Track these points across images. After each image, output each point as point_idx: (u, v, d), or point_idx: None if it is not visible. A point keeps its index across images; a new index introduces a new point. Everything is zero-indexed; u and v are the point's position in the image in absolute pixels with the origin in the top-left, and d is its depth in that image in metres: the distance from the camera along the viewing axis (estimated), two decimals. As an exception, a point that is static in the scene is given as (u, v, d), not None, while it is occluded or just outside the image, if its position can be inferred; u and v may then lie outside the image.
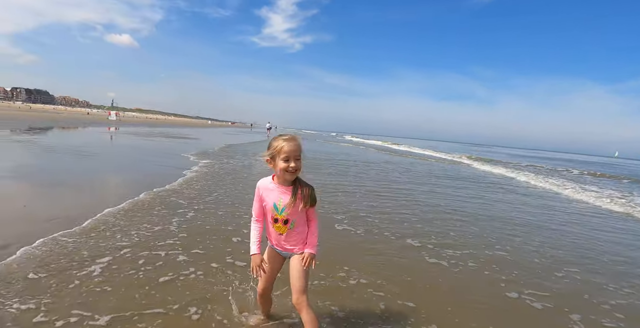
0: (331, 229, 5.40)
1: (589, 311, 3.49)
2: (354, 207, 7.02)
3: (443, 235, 5.59)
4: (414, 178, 12.53)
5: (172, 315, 2.80)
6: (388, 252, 4.63)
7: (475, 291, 3.73)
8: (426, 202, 8.20)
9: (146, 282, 3.25)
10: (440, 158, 28.81)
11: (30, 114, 47.29)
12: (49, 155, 10.87)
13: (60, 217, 4.83)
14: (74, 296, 2.91)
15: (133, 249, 3.95)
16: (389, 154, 28.53)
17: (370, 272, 3.90)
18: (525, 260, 4.82)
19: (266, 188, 2.40)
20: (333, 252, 4.39)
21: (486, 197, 10.04)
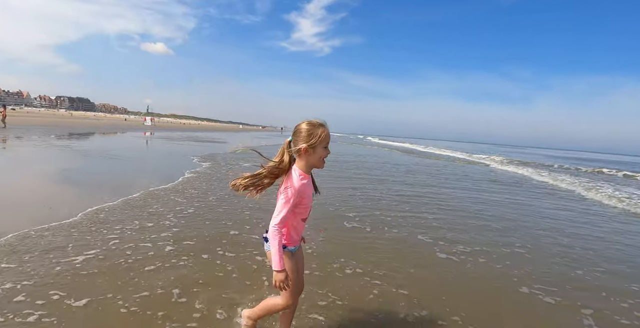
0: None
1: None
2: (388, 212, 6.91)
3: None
4: (445, 181, 12.58)
5: (157, 296, 3.00)
6: (425, 262, 4.48)
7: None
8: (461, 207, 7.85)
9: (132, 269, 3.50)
10: (467, 159, 28.48)
11: (72, 121, 50.19)
12: (77, 157, 11.77)
13: (51, 211, 5.23)
14: (56, 280, 3.15)
15: (121, 241, 4.21)
16: (417, 156, 28.51)
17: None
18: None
19: (305, 185, 2.14)
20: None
21: (520, 201, 9.60)
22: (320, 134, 2.10)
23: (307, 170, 2.17)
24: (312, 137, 2.10)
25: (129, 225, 4.84)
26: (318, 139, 2.09)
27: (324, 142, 2.12)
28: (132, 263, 3.67)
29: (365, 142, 54.36)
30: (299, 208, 2.17)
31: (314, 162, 2.16)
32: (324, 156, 2.15)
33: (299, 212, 2.18)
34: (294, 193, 2.07)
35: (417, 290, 3.57)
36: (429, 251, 4.86)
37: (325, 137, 2.11)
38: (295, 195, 2.08)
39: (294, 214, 2.16)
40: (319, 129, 2.11)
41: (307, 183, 2.15)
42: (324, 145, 2.13)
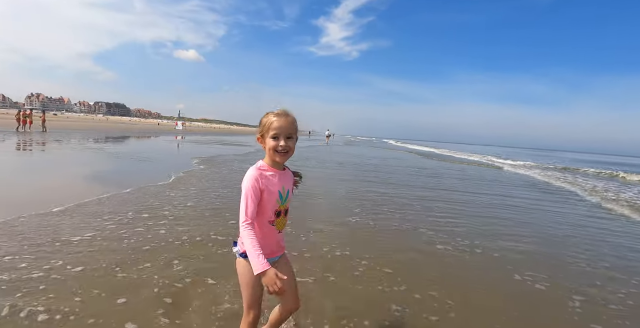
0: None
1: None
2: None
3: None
4: (475, 188, 12.41)
5: (158, 267, 3.34)
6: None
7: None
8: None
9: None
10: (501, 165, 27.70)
11: (108, 125, 52.15)
12: (106, 159, 12.11)
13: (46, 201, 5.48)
14: (57, 256, 3.59)
15: (118, 226, 4.68)
16: (445, 161, 27.96)
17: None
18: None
19: (266, 177, 1.92)
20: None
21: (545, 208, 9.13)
22: (265, 123, 1.93)
23: (271, 163, 1.97)
24: (261, 126, 1.96)
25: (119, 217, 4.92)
26: (263, 128, 1.94)
27: (271, 131, 1.90)
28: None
29: (394, 147, 53.71)
30: (260, 206, 1.90)
31: (268, 154, 1.95)
32: (273, 147, 1.90)
33: (259, 211, 1.90)
34: (246, 182, 1.87)
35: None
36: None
37: (272, 126, 1.89)
38: (250, 184, 1.86)
39: (257, 214, 1.90)
40: (267, 118, 1.93)
41: (269, 175, 1.93)
42: (272, 136, 1.90)
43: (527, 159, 36.91)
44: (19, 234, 4.17)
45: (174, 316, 2.71)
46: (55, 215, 5.01)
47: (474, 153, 44.85)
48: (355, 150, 35.12)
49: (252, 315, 2.01)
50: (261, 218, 1.92)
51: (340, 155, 23.85)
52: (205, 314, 2.77)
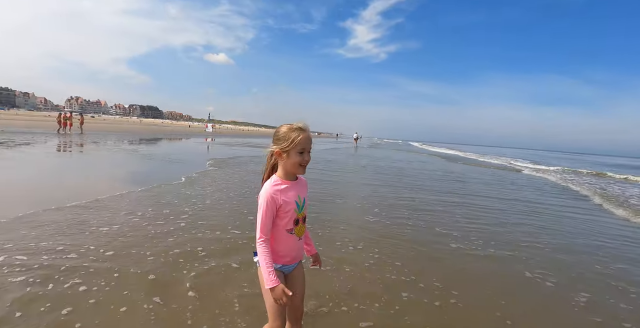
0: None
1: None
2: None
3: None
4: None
5: (185, 253, 3.83)
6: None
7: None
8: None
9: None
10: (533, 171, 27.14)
11: (142, 128, 54.17)
12: (138, 160, 12.86)
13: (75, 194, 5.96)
14: (90, 242, 4.13)
15: (141, 220, 5.14)
16: (469, 164, 27.62)
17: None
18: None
19: (281, 191, 1.98)
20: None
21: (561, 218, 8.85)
22: (294, 139, 1.94)
23: (285, 176, 2.02)
24: (286, 141, 1.96)
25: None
26: (291, 144, 1.94)
27: (299, 147, 1.94)
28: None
29: (418, 150, 53.20)
30: (278, 218, 1.98)
31: (288, 168, 2.00)
32: (299, 162, 1.97)
33: (277, 222, 1.99)
34: (263, 201, 1.94)
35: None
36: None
37: (300, 142, 1.94)
38: (266, 203, 1.93)
39: (275, 225, 1.99)
40: (294, 133, 1.95)
41: (285, 189, 1.99)
42: (299, 151, 1.95)
43: (562, 163, 35.80)
44: (54, 223, 4.76)
45: (198, 293, 3.16)
46: (82, 208, 5.58)
47: (500, 156, 43.93)
48: (380, 152, 35.21)
49: (278, 323, 2.02)
50: (281, 229, 2.00)
51: (364, 159, 24.03)
52: (226, 296, 3.16)
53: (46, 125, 34.07)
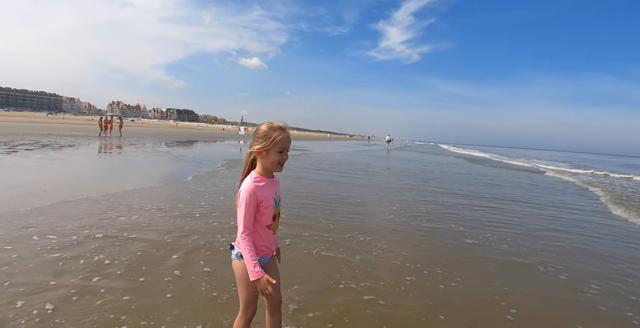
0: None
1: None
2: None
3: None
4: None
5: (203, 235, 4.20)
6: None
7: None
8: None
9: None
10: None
11: (177, 131, 56.34)
12: (169, 161, 13.75)
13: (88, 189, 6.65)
14: (116, 226, 4.64)
15: (159, 209, 5.52)
16: (503, 168, 27.14)
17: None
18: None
19: (260, 188, 2.04)
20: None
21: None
22: (274, 138, 2.01)
23: (264, 173, 2.09)
24: (266, 139, 2.02)
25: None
26: (271, 142, 2.01)
27: (278, 146, 2.01)
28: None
29: (445, 152, 52.35)
30: (259, 214, 2.06)
31: (267, 165, 2.06)
32: (278, 160, 2.04)
33: (257, 218, 2.06)
34: (245, 196, 1.98)
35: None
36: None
37: (281, 141, 2.01)
38: (249, 197, 1.98)
39: (256, 221, 2.06)
40: (275, 133, 2.02)
41: (264, 186, 2.06)
42: (278, 150, 2.02)
43: (608, 167, 34.20)
44: (85, 211, 5.46)
45: (212, 269, 3.69)
46: (99, 201, 6.24)
47: (532, 159, 42.50)
48: (405, 154, 35.10)
49: (250, 312, 2.13)
50: (262, 225, 2.08)
51: (389, 160, 24.15)
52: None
53: (89, 128, 36.24)
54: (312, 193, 8.40)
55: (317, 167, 14.52)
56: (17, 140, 17.41)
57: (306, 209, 6.69)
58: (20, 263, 3.47)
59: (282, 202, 2.22)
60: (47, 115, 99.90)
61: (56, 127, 34.66)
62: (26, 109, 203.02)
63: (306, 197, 7.78)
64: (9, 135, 20.47)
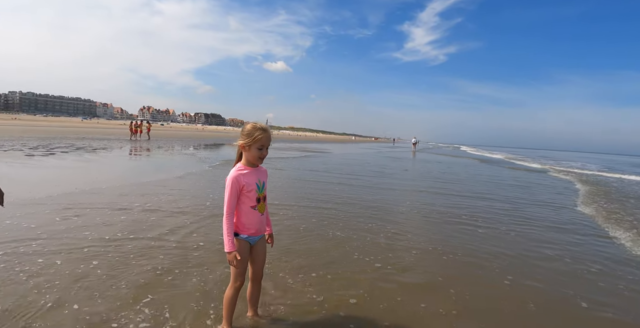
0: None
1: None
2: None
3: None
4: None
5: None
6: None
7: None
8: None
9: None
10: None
11: (204, 134, 58.06)
12: (191, 162, 14.35)
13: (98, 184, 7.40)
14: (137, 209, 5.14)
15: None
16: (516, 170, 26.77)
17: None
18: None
19: (244, 175, 2.41)
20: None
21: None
22: (256, 136, 2.36)
23: (248, 164, 2.46)
24: (248, 136, 2.38)
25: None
26: (253, 140, 2.36)
27: (258, 143, 2.37)
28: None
29: (464, 154, 51.50)
30: (243, 196, 2.42)
31: (249, 158, 2.44)
32: (258, 155, 2.41)
33: (243, 199, 2.42)
34: (229, 182, 2.38)
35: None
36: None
37: (261, 139, 2.36)
38: (231, 184, 2.36)
39: (240, 202, 2.42)
40: (257, 132, 2.37)
41: (247, 173, 2.42)
42: (258, 147, 2.38)
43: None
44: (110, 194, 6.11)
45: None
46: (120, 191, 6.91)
47: (554, 160, 41.35)
48: (427, 157, 35.07)
49: (239, 282, 2.49)
50: (246, 206, 2.43)
51: (403, 161, 24.30)
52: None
53: (120, 132, 37.94)
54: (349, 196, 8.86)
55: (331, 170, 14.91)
56: (55, 143, 18.64)
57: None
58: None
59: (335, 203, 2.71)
60: (82, 120, 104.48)
61: (90, 132, 36.50)
62: (63, 114, 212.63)
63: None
64: (47, 139, 21.89)
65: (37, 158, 12.20)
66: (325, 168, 15.07)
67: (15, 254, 3.75)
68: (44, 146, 16.92)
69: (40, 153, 13.81)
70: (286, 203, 7.20)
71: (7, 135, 23.26)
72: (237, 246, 2.40)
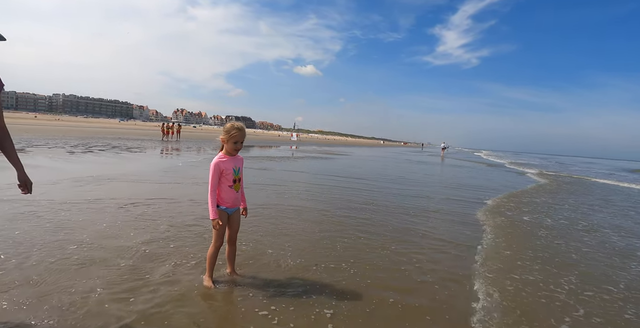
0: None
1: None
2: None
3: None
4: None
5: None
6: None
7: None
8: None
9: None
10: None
11: (233, 136, 59.67)
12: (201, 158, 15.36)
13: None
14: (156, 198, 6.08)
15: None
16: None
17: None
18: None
19: (223, 162, 3.10)
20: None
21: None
22: (232, 133, 3.05)
23: (227, 153, 3.15)
24: (227, 133, 3.08)
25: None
26: (229, 136, 3.06)
27: (233, 139, 3.06)
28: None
29: (478, 159, 50.43)
30: (223, 178, 3.12)
31: (228, 149, 3.14)
32: (234, 148, 3.11)
33: (223, 180, 3.13)
34: (212, 167, 3.09)
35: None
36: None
37: (235, 136, 3.05)
38: (213, 168, 3.07)
39: (221, 182, 3.13)
40: (233, 130, 3.06)
41: (226, 161, 3.12)
42: (234, 141, 3.08)
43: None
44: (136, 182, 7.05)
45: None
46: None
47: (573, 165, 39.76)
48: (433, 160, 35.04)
49: (218, 243, 3.20)
50: (225, 185, 3.15)
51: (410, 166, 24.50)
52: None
53: (153, 133, 39.91)
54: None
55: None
56: (93, 142, 20.23)
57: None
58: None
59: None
60: (120, 122, 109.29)
61: (126, 132, 38.69)
62: (102, 115, 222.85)
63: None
64: (86, 139, 23.74)
65: (77, 154, 13.57)
66: (324, 171, 15.67)
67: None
68: (83, 145, 18.48)
69: (79, 150, 15.24)
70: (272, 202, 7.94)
71: (51, 134, 25.29)
72: (219, 214, 3.12)
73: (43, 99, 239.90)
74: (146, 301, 2.88)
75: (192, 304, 2.89)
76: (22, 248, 3.73)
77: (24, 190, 2.47)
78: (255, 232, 4.96)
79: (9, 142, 2.40)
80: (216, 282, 3.26)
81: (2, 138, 2.38)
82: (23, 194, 2.50)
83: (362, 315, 2.93)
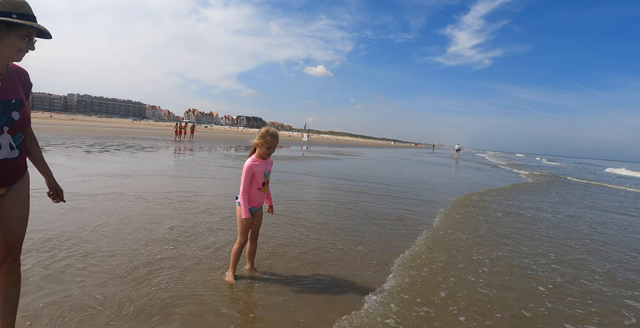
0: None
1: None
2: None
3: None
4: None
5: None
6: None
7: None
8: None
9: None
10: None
11: (244, 136, 60.36)
12: (217, 162, 15.64)
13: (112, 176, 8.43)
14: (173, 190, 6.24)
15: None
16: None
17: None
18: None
19: (255, 165, 3.21)
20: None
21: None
22: (266, 139, 3.17)
23: (259, 157, 3.26)
24: (261, 138, 3.19)
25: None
26: (263, 141, 3.17)
27: (267, 144, 3.18)
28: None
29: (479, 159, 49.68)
30: (254, 180, 3.25)
31: (261, 153, 3.24)
32: (267, 152, 3.22)
33: (253, 182, 3.26)
34: (244, 169, 3.20)
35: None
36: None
37: (269, 142, 3.18)
38: (245, 171, 3.19)
39: (251, 184, 3.25)
40: (267, 136, 3.17)
41: (258, 164, 3.24)
42: (267, 147, 3.19)
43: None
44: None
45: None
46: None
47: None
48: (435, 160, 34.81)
49: (243, 240, 3.35)
50: (254, 187, 3.28)
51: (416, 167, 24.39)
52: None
53: (166, 133, 40.39)
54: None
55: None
56: (108, 142, 20.58)
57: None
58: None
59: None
60: (133, 121, 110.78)
61: (140, 132, 39.25)
62: (115, 115, 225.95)
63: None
64: (102, 138, 24.14)
65: (94, 154, 13.84)
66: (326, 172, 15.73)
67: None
68: (99, 144, 18.83)
69: (96, 150, 15.54)
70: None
71: (67, 134, 25.80)
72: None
73: (58, 99, 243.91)
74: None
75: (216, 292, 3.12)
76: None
77: (55, 199, 2.28)
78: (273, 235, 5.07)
79: (37, 148, 2.21)
80: (236, 278, 3.42)
81: (30, 144, 2.17)
82: (55, 203, 2.33)
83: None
